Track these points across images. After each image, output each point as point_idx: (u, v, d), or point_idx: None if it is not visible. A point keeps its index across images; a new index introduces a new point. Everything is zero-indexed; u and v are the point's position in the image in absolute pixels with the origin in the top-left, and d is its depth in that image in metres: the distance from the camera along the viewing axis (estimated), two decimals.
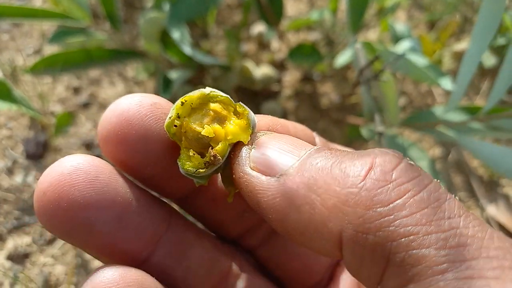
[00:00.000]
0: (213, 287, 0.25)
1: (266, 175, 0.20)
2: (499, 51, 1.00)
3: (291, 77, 0.98)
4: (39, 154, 0.83)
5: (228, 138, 0.22)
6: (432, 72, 0.66)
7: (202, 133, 0.21)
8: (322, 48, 1.00)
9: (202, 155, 0.22)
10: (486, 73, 1.04)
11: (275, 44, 1.04)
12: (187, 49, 0.77)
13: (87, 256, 0.73)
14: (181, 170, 0.22)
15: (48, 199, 0.20)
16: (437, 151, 0.93)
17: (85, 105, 0.92)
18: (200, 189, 0.25)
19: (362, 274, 0.18)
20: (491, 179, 0.90)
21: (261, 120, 0.24)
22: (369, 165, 0.18)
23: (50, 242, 0.74)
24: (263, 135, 0.22)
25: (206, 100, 0.22)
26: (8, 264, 0.71)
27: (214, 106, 0.22)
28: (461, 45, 1.01)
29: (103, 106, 0.92)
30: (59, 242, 0.74)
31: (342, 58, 0.87)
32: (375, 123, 0.56)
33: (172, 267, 0.23)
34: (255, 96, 0.95)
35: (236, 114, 0.23)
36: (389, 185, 0.17)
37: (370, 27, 1.07)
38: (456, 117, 0.67)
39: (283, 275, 0.28)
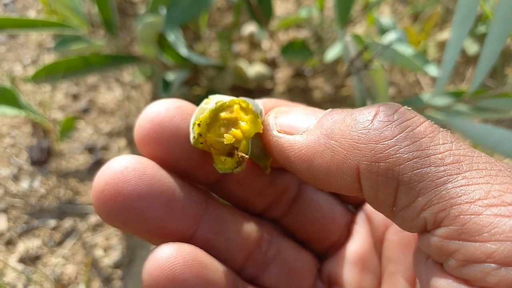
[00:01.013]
0: (251, 253, 0.29)
1: (291, 135, 0.25)
2: (481, 39, 1.05)
3: (283, 74, 1.02)
4: (43, 160, 0.85)
5: (245, 135, 0.25)
6: (418, 60, 0.70)
7: (224, 142, 0.25)
8: (312, 45, 1.03)
9: (231, 155, 0.26)
10: (470, 61, 1.08)
11: (266, 43, 1.08)
12: (183, 51, 0.80)
13: (97, 255, 0.76)
14: (219, 171, 0.26)
15: (106, 196, 0.24)
16: None
17: (85, 111, 0.94)
18: (227, 176, 0.29)
19: (378, 199, 0.22)
20: None
21: (265, 103, 0.28)
22: (375, 111, 0.22)
23: (60, 243, 0.77)
24: (278, 112, 0.27)
25: (216, 113, 0.26)
26: (20, 267, 0.73)
27: (224, 115, 0.26)
28: (444, 35, 1.06)
29: (102, 111, 0.95)
30: (69, 243, 0.77)
31: (332, 52, 0.91)
32: None
33: (215, 241, 0.27)
34: (250, 93, 0.99)
35: (243, 110, 0.26)
36: (392, 124, 0.21)
37: (357, 22, 1.11)
38: (443, 101, 0.71)
39: (306, 238, 0.32)
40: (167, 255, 0.23)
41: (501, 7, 0.56)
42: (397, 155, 0.20)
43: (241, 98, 0.26)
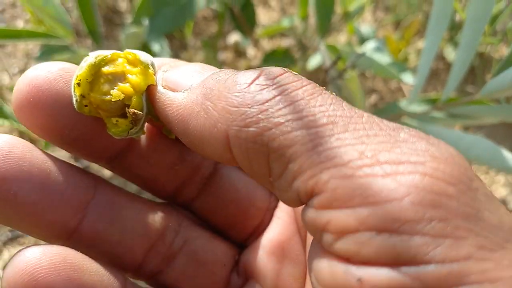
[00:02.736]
0: (152, 245, 0.26)
1: (174, 92, 0.22)
2: None
3: None
4: None
5: (136, 90, 0.23)
6: (395, 69, 0.72)
7: (112, 100, 0.22)
8: (296, 53, 1.05)
9: (125, 115, 0.23)
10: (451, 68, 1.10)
11: (251, 51, 1.09)
12: None
13: None
14: (115, 137, 0.23)
15: None
16: None
17: None
18: (128, 148, 0.26)
19: (253, 169, 0.20)
20: None
21: (157, 60, 0.25)
22: (257, 74, 0.20)
23: None
24: (170, 66, 0.24)
25: (98, 68, 0.23)
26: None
27: (107, 70, 0.23)
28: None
29: None
30: None
31: (314, 61, 0.93)
32: None
33: (106, 231, 0.24)
34: None
35: (130, 62, 0.23)
36: (269, 87, 0.19)
37: (340, 30, 1.13)
38: (419, 108, 0.73)
39: (222, 224, 0.29)
40: (28, 258, 0.20)
41: (471, 11, 0.57)
42: (268, 119, 0.18)
43: (127, 50, 0.24)
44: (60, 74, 0.23)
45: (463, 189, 0.16)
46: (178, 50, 1.07)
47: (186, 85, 0.22)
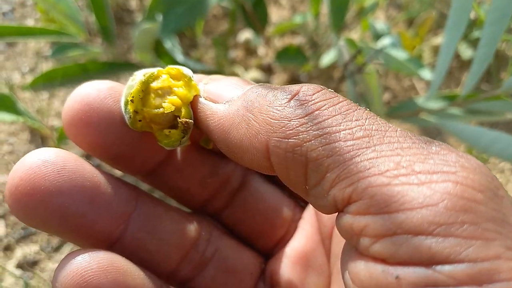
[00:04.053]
0: (186, 253, 0.27)
1: (216, 103, 0.24)
2: (476, 44, 1.06)
3: (279, 80, 1.03)
4: None
5: (184, 101, 0.24)
6: (412, 64, 0.71)
7: (165, 112, 0.24)
8: (307, 51, 1.04)
9: (175, 126, 0.24)
10: (465, 66, 1.09)
11: (262, 49, 1.09)
12: (180, 57, 0.81)
13: None
14: (167, 148, 0.25)
15: (21, 193, 0.22)
16: None
17: None
18: (164, 162, 0.27)
19: (290, 178, 0.21)
20: None
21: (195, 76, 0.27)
22: (296, 91, 0.21)
23: (57, 248, 0.77)
24: (210, 79, 0.26)
25: (147, 85, 0.24)
26: (18, 272, 0.73)
27: (155, 85, 0.24)
28: (439, 39, 1.07)
29: None
30: (67, 248, 0.77)
31: (327, 58, 0.92)
32: None
33: (146, 241, 0.26)
34: None
35: (174, 77, 0.25)
36: (308, 103, 0.21)
37: (352, 28, 1.12)
38: (436, 104, 0.72)
39: (249, 233, 0.30)
40: (79, 261, 0.22)
41: (493, 10, 0.56)
42: (307, 131, 0.20)
43: (169, 66, 0.25)
44: (109, 93, 0.24)
45: (491, 195, 0.17)
46: (189, 49, 1.07)
47: (228, 97, 0.23)
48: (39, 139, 0.90)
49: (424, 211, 0.17)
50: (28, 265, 0.74)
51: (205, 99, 0.24)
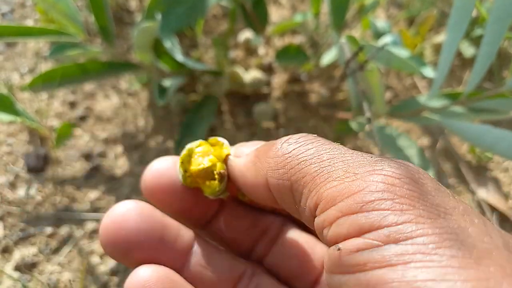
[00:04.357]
0: (234, 286, 0.33)
1: (239, 158, 0.31)
2: (478, 42, 1.05)
3: (279, 79, 1.02)
4: (40, 167, 0.85)
5: (219, 158, 0.32)
6: (414, 62, 0.70)
7: (206, 166, 0.31)
8: (308, 50, 1.03)
9: (214, 179, 0.31)
10: (467, 64, 1.08)
11: (262, 49, 1.08)
12: (179, 57, 0.80)
13: (93, 262, 0.75)
14: (210, 196, 0.32)
15: (111, 232, 0.30)
16: (425, 141, 0.97)
17: (82, 118, 0.94)
18: (216, 218, 0.35)
19: (285, 201, 0.27)
20: (479, 164, 0.94)
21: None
22: (288, 137, 0.27)
23: (56, 250, 0.76)
24: (240, 145, 0.33)
25: (192, 151, 0.32)
26: (16, 274, 0.72)
27: (198, 150, 0.32)
28: (440, 38, 1.06)
29: (99, 118, 0.95)
30: (65, 250, 0.76)
31: (328, 57, 0.91)
32: (364, 111, 0.59)
33: (201, 273, 0.32)
34: (246, 99, 0.99)
35: (212, 144, 0.33)
36: (294, 143, 0.27)
37: (352, 27, 1.11)
38: (439, 103, 0.71)
39: (286, 275, 0.35)
40: (143, 273, 0.29)
41: (496, 8, 0.56)
42: (290, 163, 0.25)
43: (209, 138, 0.33)
44: (172, 166, 0.32)
45: (407, 181, 0.22)
46: (189, 48, 1.06)
47: (246, 152, 0.31)
48: (38, 139, 0.89)
49: (356, 196, 0.22)
50: (26, 267, 0.73)
51: (234, 156, 0.32)
